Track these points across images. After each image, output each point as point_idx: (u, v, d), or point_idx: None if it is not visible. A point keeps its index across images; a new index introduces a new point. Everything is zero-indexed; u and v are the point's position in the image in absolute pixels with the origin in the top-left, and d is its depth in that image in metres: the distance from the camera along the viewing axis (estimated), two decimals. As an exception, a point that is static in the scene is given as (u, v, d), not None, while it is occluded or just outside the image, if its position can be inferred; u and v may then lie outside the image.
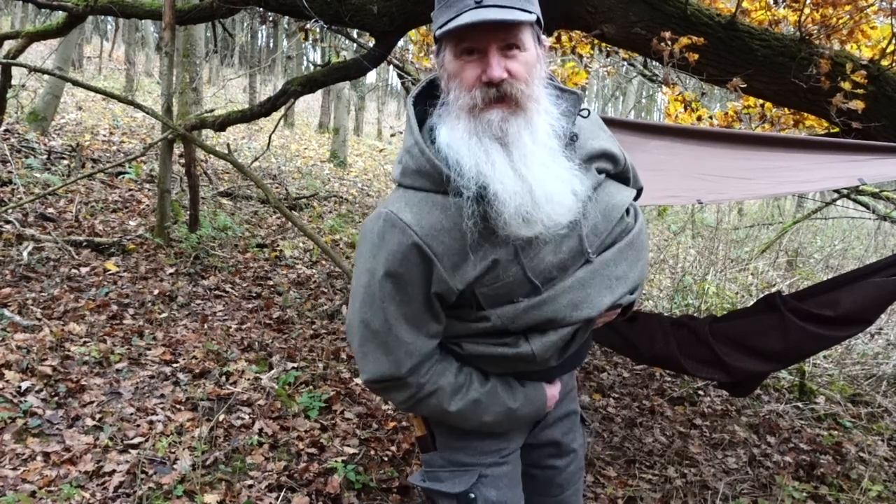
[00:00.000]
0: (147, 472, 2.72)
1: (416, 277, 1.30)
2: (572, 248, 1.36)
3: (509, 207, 1.24)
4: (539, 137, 1.27)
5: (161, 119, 5.24)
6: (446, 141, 1.26)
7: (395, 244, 1.28)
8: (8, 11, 22.28)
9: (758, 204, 11.47)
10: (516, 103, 1.24)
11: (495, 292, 1.35)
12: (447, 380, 1.40)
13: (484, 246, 1.29)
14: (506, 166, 1.24)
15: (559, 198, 1.27)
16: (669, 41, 3.18)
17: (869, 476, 3.32)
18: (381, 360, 1.35)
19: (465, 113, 1.25)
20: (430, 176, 1.28)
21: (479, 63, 1.23)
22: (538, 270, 1.34)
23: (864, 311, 2.30)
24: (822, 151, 2.55)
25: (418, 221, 1.28)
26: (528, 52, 1.25)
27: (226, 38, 17.44)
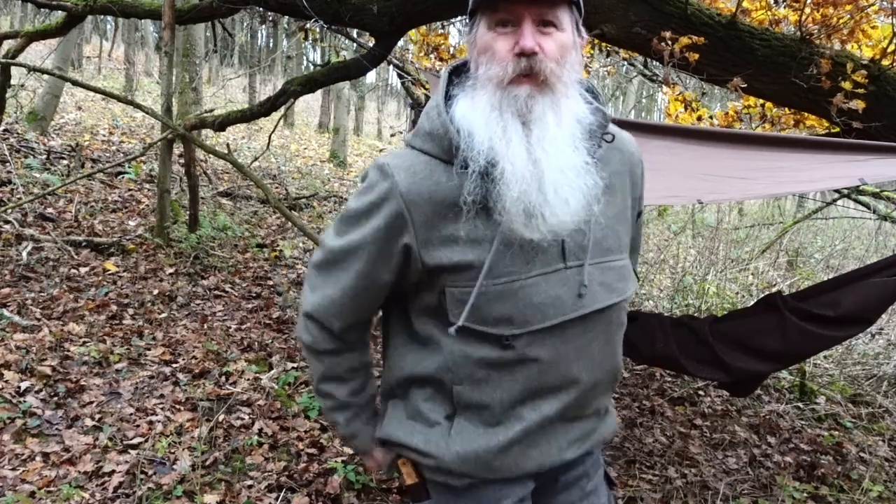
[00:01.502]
0: (147, 473, 2.72)
1: (386, 232, 1.23)
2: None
3: (513, 191, 1.15)
4: (564, 120, 1.20)
5: (161, 119, 5.24)
6: (462, 112, 1.20)
7: (379, 193, 1.22)
8: (8, 11, 22.29)
9: (758, 204, 11.47)
10: (545, 81, 1.17)
11: (466, 299, 1.22)
12: (354, 357, 1.38)
13: (476, 232, 1.20)
14: (521, 147, 1.17)
15: (568, 192, 1.18)
16: (669, 41, 3.18)
17: (869, 476, 3.32)
18: (326, 293, 1.30)
19: (492, 84, 1.19)
20: (439, 140, 1.22)
21: (512, 35, 1.17)
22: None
23: (864, 311, 2.30)
24: (823, 151, 2.55)
25: (409, 183, 1.21)
26: (564, 33, 1.20)
27: (226, 37, 17.44)
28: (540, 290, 1.23)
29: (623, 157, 1.36)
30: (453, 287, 1.24)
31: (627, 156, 1.38)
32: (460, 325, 1.23)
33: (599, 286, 1.27)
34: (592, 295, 1.27)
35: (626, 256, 1.35)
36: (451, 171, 1.20)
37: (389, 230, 1.22)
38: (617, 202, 1.32)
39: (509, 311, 1.22)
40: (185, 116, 7.32)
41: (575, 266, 1.25)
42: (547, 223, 1.17)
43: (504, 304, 1.22)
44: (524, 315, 1.22)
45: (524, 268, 1.21)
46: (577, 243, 1.24)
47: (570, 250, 1.24)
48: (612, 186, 1.29)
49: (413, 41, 6.23)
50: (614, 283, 1.30)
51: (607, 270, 1.29)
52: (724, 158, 2.67)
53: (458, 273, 1.22)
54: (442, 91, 1.27)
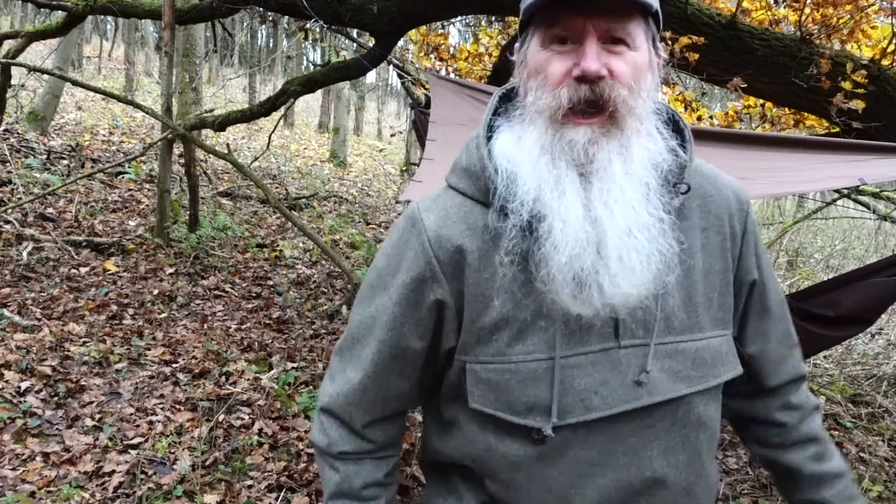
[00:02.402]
0: (147, 473, 2.72)
1: (413, 287, 1.02)
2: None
3: (562, 255, 0.92)
4: (635, 167, 0.95)
5: (161, 119, 5.24)
6: (504, 148, 0.99)
7: (405, 242, 1.03)
8: (8, 11, 22.30)
9: (758, 204, 11.47)
10: (612, 116, 0.93)
11: (492, 379, 1.00)
12: (377, 466, 1.12)
13: (511, 298, 0.98)
14: (577, 201, 0.93)
15: (636, 259, 0.94)
16: (669, 41, 3.18)
17: (869, 476, 3.32)
18: (347, 377, 1.09)
19: (542, 119, 0.95)
20: (475, 179, 1.01)
21: (571, 55, 0.93)
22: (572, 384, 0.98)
23: (864, 311, 2.31)
24: (823, 151, 2.55)
25: (438, 227, 1.00)
26: (639, 52, 0.95)
27: (225, 37, 17.44)
28: (584, 372, 0.98)
29: (712, 207, 1.07)
30: (475, 363, 1.02)
31: (720, 204, 1.08)
32: (481, 410, 1.01)
33: (663, 372, 1.00)
34: (654, 383, 1.00)
35: (713, 335, 1.05)
36: (488, 216, 0.98)
37: (416, 284, 1.01)
38: (699, 267, 1.04)
39: (543, 398, 0.98)
40: (185, 116, 7.33)
41: (631, 346, 1.00)
42: (604, 295, 0.93)
43: (537, 388, 0.98)
44: (562, 403, 0.98)
45: (566, 344, 0.98)
46: (636, 318, 0.98)
47: (625, 326, 0.99)
48: (692, 247, 1.03)
49: (413, 41, 6.23)
50: (686, 370, 1.02)
51: (677, 354, 1.02)
52: (724, 158, 2.67)
53: (484, 344, 1.01)
54: (486, 120, 1.05)
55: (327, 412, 1.11)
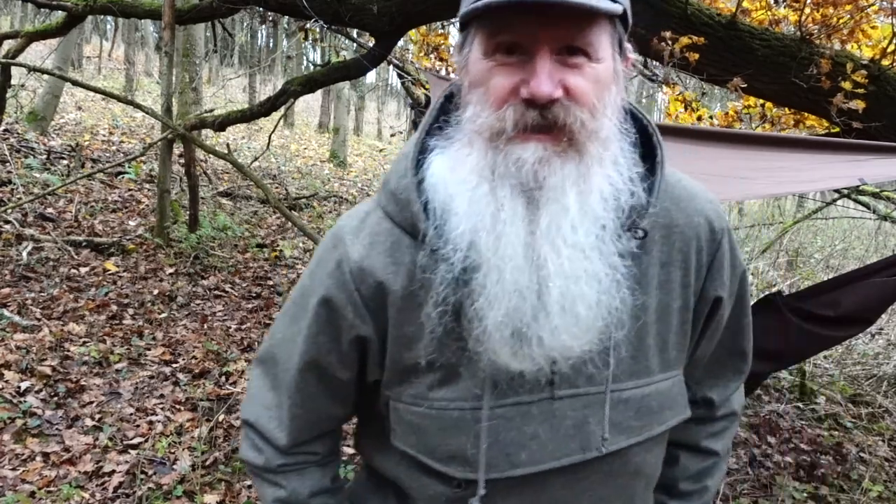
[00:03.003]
0: (147, 473, 2.72)
1: (331, 319, 0.92)
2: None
3: (498, 310, 0.80)
4: (592, 202, 0.80)
5: (161, 119, 5.24)
6: (438, 179, 0.84)
7: (326, 266, 0.92)
8: (8, 11, 22.31)
9: (758, 204, 11.46)
10: (570, 138, 0.78)
11: (413, 421, 0.91)
12: (321, 473, 1.03)
13: (441, 346, 0.87)
14: (517, 243, 0.79)
15: (582, 309, 0.81)
16: (669, 41, 3.18)
17: (869, 476, 3.32)
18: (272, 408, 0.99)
19: (482, 141, 0.80)
20: (403, 208, 0.87)
21: (519, 70, 0.78)
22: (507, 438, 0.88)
23: (864, 311, 2.31)
24: (823, 151, 2.55)
25: (362, 256, 0.88)
26: (603, 64, 0.80)
27: (226, 37, 17.45)
28: (512, 425, 0.88)
29: (677, 240, 0.93)
30: (398, 402, 0.93)
31: (688, 235, 0.93)
32: (403, 449, 0.93)
33: (600, 425, 0.90)
34: (589, 436, 0.90)
35: (662, 378, 0.95)
36: (417, 252, 0.86)
37: (336, 316, 0.91)
38: (653, 307, 0.92)
39: (466, 448, 0.88)
40: (185, 116, 7.33)
41: (568, 397, 0.89)
42: (544, 348, 0.82)
43: (459, 438, 0.88)
44: (486, 456, 0.88)
45: (494, 392, 0.87)
46: (574, 367, 0.87)
47: (562, 375, 0.87)
48: (648, 284, 0.91)
49: (413, 41, 6.23)
50: (627, 421, 0.92)
51: (619, 403, 0.91)
52: (724, 158, 2.67)
53: (406, 384, 0.91)
54: (422, 129, 0.90)
55: (256, 430, 0.99)
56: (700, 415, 1.09)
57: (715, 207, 0.96)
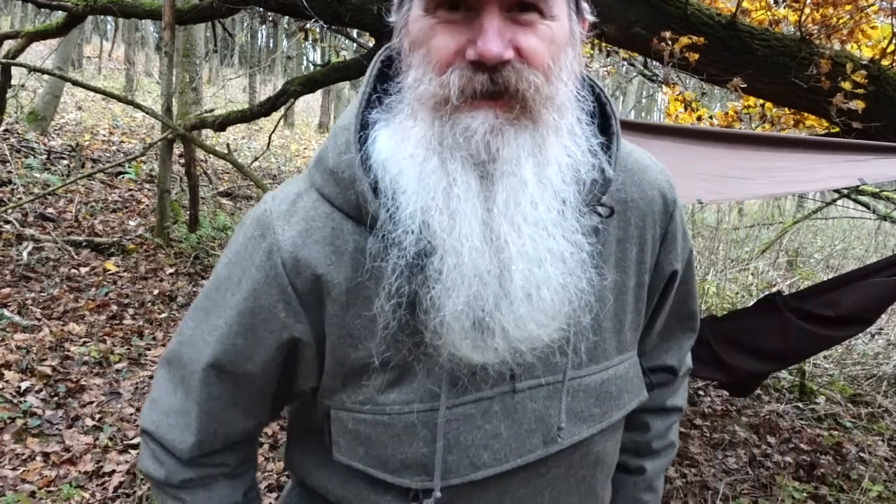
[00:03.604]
0: (147, 473, 2.72)
1: (256, 317, 0.80)
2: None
3: (457, 299, 0.72)
4: (550, 174, 0.73)
5: (161, 119, 5.24)
6: (385, 155, 0.75)
7: (251, 257, 0.80)
8: (8, 11, 22.31)
9: (758, 204, 11.47)
10: (522, 105, 0.71)
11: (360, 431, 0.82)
12: (233, 486, 0.92)
13: (397, 344, 0.78)
14: (474, 222, 0.72)
15: (548, 294, 0.74)
16: (669, 41, 3.18)
17: (869, 476, 3.32)
18: (174, 415, 0.87)
19: (426, 111, 0.72)
20: (345, 189, 0.77)
21: (465, 28, 0.70)
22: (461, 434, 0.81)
23: (864, 311, 2.31)
24: (823, 151, 2.55)
25: (296, 245, 0.77)
26: (558, 22, 0.72)
27: (226, 38, 17.45)
28: (472, 424, 0.80)
29: (633, 215, 0.88)
30: (341, 410, 0.83)
31: (643, 210, 0.88)
32: (348, 464, 0.84)
33: (566, 415, 0.84)
34: (551, 429, 0.84)
35: (619, 360, 0.90)
36: (364, 236, 0.76)
37: (263, 314, 0.79)
38: (609, 287, 0.86)
39: (421, 455, 0.80)
40: (186, 116, 7.33)
41: (528, 388, 0.82)
42: (508, 339, 0.74)
43: (414, 444, 0.80)
44: (445, 461, 0.80)
45: (452, 390, 0.79)
46: (537, 356, 0.79)
47: (524, 365, 0.80)
48: (605, 263, 0.84)
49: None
50: (589, 409, 0.86)
51: (579, 391, 0.85)
52: (724, 158, 2.68)
53: (351, 389, 0.82)
54: (360, 100, 0.80)
55: (156, 439, 0.87)
56: (662, 380, 1.07)
57: (667, 178, 0.92)
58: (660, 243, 0.92)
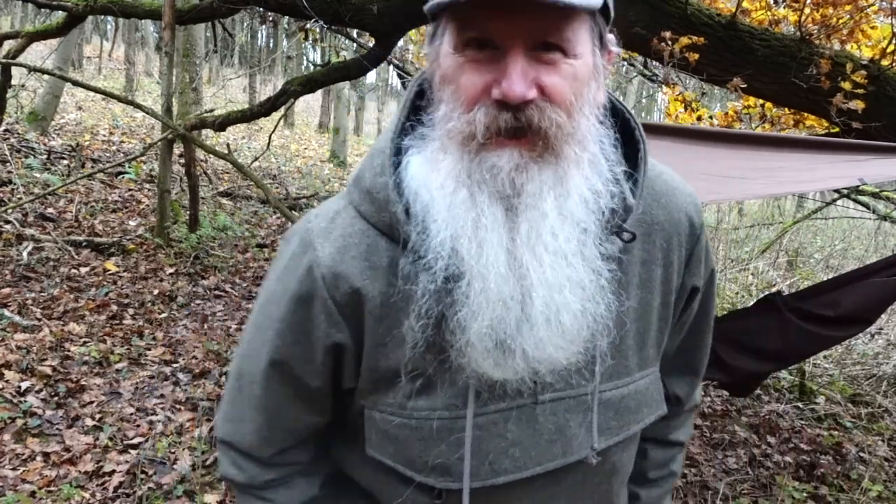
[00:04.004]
0: (147, 473, 2.72)
1: (303, 327, 0.87)
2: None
3: (482, 320, 0.77)
4: (571, 206, 0.77)
5: (161, 119, 5.24)
6: (417, 182, 0.80)
7: (294, 272, 0.86)
8: (8, 11, 22.31)
9: (758, 204, 11.46)
10: (545, 142, 0.75)
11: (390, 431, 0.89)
12: (309, 483, 0.99)
13: (424, 359, 0.83)
14: (500, 251, 0.76)
15: (567, 319, 0.79)
16: (669, 41, 3.18)
17: (869, 476, 3.32)
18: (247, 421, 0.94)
19: (455, 145, 0.76)
20: (380, 209, 0.82)
21: (490, 66, 0.74)
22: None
23: (864, 311, 2.31)
24: (823, 151, 2.55)
25: (334, 261, 0.83)
26: (580, 60, 0.75)
27: (226, 38, 17.45)
28: (495, 432, 0.86)
29: (658, 237, 0.91)
30: (374, 410, 0.89)
31: (669, 233, 0.92)
32: (379, 459, 0.90)
33: (581, 427, 0.89)
34: (571, 440, 0.89)
35: (641, 376, 0.95)
36: (397, 255, 0.82)
37: (308, 324, 0.86)
38: (634, 307, 0.90)
39: (445, 458, 0.86)
40: (186, 116, 7.33)
41: (550, 401, 0.87)
42: (528, 360, 0.80)
43: (440, 448, 0.86)
44: (469, 466, 0.86)
45: (476, 400, 0.85)
46: (557, 374, 0.85)
47: (545, 380, 0.85)
48: (629, 284, 0.89)
49: (413, 41, 6.24)
50: (607, 422, 0.91)
51: (602, 406, 0.91)
52: (724, 158, 2.68)
53: (383, 393, 0.88)
54: (395, 126, 0.85)
55: (234, 448, 0.95)
56: (668, 412, 1.10)
57: (694, 201, 0.96)
58: (685, 265, 0.96)
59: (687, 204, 0.94)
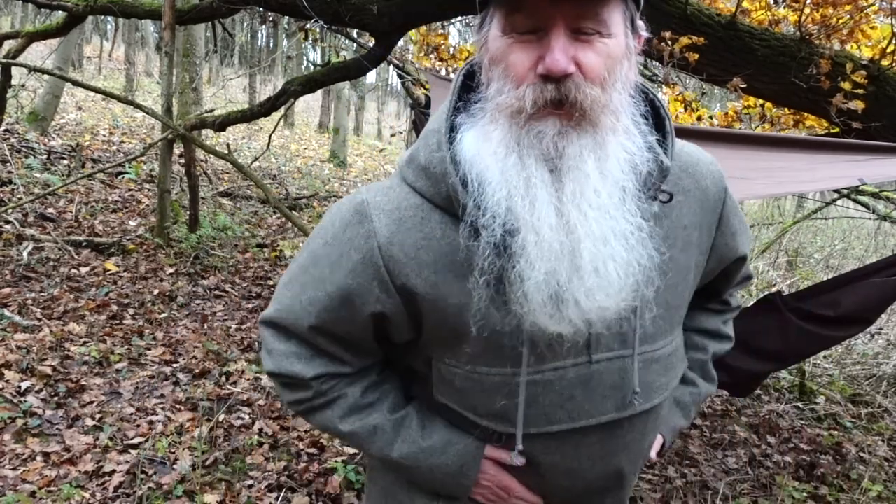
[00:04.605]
0: (147, 472, 2.72)
1: (354, 294, 0.94)
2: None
3: (538, 271, 0.84)
4: (610, 167, 0.85)
5: (161, 119, 5.24)
6: (472, 153, 0.87)
7: (351, 240, 0.93)
8: (8, 11, 22.30)
9: (758, 204, 11.46)
10: (583, 114, 0.83)
11: (455, 382, 0.99)
12: (351, 393, 1.05)
13: (489, 314, 0.90)
14: (549, 207, 0.84)
15: (613, 269, 0.85)
16: (669, 41, 3.18)
17: (869, 476, 3.32)
18: (290, 355, 1.02)
19: (505, 117, 0.85)
20: (436, 183, 0.90)
21: (535, 46, 0.83)
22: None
23: (864, 311, 2.31)
24: (822, 151, 2.55)
25: (391, 232, 0.91)
26: (614, 39, 0.85)
27: (226, 38, 17.44)
28: (550, 388, 0.94)
29: (693, 202, 1.00)
30: (440, 363, 0.99)
31: (700, 198, 1.01)
32: (446, 404, 1.01)
33: (641, 386, 0.98)
34: (625, 396, 0.97)
35: (676, 335, 1.04)
36: (450, 224, 0.90)
37: (358, 292, 0.93)
38: (679, 268, 0.99)
39: (506, 408, 0.96)
40: (186, 116, 7.33)
41: (606, 360, 0.95)
42: (581, 310, 0.86)
43: (500, 400, 0.95)
44: (525, 415, 0.95)
45: (534, 359, 0.93)
46: (610, 330, 0.92)
47: (598, 339, 0.93)
48: (674, 247, 0.96)
49: (413, 41, 6.23)
50: (655, 381, 1.00)
51: (653, 363, 0.99)
52: (724, 158, 2.66)
53: (449, 349, 0.97)
54: (448, 107, 0.93)
55: (284, 377, 1.02)
56: (717, 308, 1.25)
57: (716, 168, 1.06)
58: (716, 227, 1.06)
59: (712, 171, 1.04)
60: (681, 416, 1.18)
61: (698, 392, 1.20)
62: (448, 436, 1.03)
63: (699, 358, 1.20)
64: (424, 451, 1.02)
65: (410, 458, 1.03)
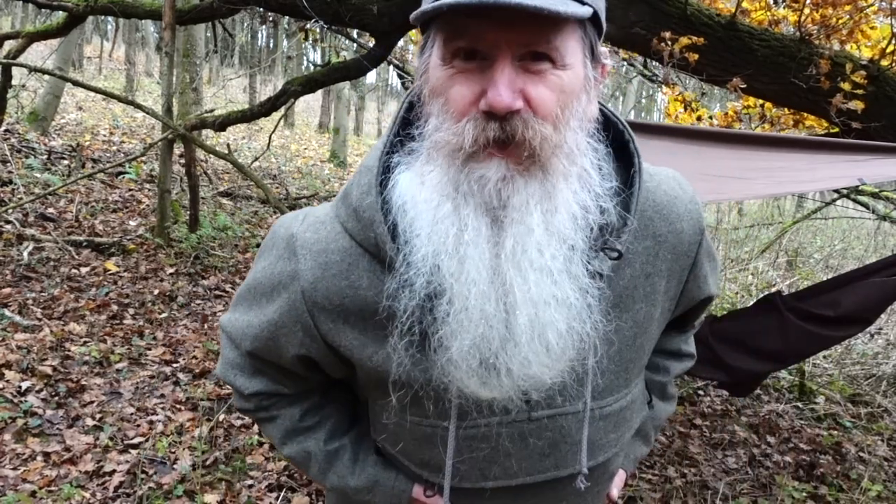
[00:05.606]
0: (147, 472, 2.73)
1: (283, 329, 0.91)
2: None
3: (464, 339, 0.76)
4: (558, 222, 0.75)
5: (161, 119, 5.24)
6: (403, 198, 0.78)
7: (280, 276, 0.89)
8: (8, 11, 22.30)
9: (758, 204, 11.46)
10: (530, 154, 0.72)
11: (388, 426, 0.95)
12: (290, 415, 1.01)
13: (411, 377, 0.85)
14: (481, 266, 0.74)
15: (553, 338, 0.77)
16: (669, 41, 3.18)
17: (868, 476, 3.32)
18: (235, 366, 1.01)
19: (442, 157, 0.75)
20: (365, 227, 0.81)
21: (478, 78, 0.72)
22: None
23: (863, 310, 2.31)
24: (822, 151, 2.55)
25: (315, 278, 0.84)
26: (570, 70, 0.73)
27: (226, 38, 17.45)
28: (485, 443, 0.87)
29: (661, 250, 0.90)
30: (374, 404, 0.96)
31: (671, 244, 0.91)
32: (383, 447, 0.98)
33: (577, 445, 0.90)
34: (566, 454, 0.90)
35: (633, 387, 0.96)
36: (378, 273, 0.82)
37: (285, 330, 0.90)
38: (638, 319, 0.90)
39: (438, 459, 0.89)
40: (186, 117, 7.33)
41: (545, 417, 0.87)
42: (513, 379, 0.78)
43: (432, 450, 0.90)
44: (457, 469, 0.89)
45: (460, 416, 0.87)
46: (552, 387, 0.84)
47: (539, 397, 0.85)
48: (633, 297, 0.88)
49: (413, 41, 6.24)
50: (603, 438, 0.92)
51: (600, 420, 0.91)
52: (724, 158, 2.68)
53: (378, 393, 0.92)
54: (384, 144, 0.83)
55: (231, 385, 1.03)
56: (680, 328, 1.16)
57: (694, 207, 0.94)
58: (688, 271, 0.96)
59: (689, 210, 0.93)
60: (641, 444, 1.13)
61: (657, 416, 1.14)
62: (377, 475, 0.99)
63: (659, 380, 1.13)
64: (352, 489, 1.00)
65: (341, 491, 1.01)
